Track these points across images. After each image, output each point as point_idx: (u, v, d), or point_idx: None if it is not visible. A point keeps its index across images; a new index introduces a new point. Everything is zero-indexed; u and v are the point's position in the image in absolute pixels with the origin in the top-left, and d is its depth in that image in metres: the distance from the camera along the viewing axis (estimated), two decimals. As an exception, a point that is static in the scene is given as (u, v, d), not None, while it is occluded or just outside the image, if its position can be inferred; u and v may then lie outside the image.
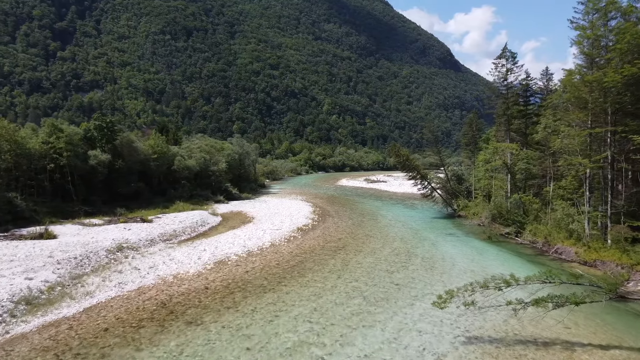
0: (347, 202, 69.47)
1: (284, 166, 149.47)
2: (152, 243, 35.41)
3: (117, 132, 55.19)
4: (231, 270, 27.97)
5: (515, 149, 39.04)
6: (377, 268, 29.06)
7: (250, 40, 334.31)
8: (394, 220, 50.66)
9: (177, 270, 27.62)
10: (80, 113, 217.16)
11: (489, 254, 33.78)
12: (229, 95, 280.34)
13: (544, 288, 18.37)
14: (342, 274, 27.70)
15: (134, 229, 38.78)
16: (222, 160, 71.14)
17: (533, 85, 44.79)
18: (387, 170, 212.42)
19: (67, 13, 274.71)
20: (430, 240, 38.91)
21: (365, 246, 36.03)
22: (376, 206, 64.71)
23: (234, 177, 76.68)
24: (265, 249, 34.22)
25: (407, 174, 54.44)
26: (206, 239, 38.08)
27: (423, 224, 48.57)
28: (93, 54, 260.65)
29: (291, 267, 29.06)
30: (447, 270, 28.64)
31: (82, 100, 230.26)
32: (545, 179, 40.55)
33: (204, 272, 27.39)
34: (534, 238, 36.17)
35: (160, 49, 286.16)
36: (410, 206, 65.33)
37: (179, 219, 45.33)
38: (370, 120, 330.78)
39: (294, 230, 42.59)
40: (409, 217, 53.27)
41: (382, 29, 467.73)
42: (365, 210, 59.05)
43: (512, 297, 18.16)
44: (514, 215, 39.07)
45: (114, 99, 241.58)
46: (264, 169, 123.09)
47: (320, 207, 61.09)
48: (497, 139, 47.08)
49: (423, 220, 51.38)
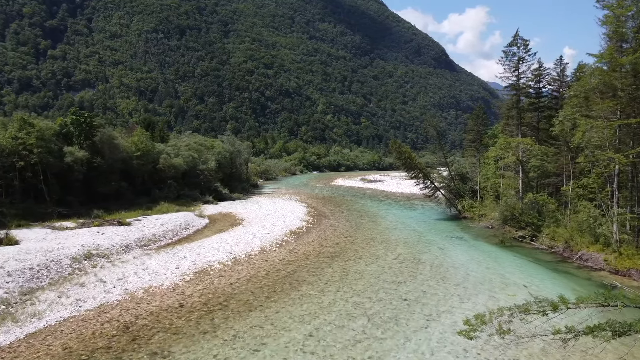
0: (344, 203, 65.70)
1: (278, 166, 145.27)
2: (127, 249, 31.38)
3: (97, 127, 50.94)
4: (213, 282, 24.04)
5: (529, 144, 35.26)
6: (382, 279, 25.22)
7: (244, 39, 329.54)
8: (395, 222, 46.88)
9: (149, 282, 23.63)
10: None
11: (504, 260, 30.03)
12: (223, 95, 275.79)
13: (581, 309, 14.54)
14: (341, 286, 23.86)
15: (109, 233, 34.68)
16: (211, 159, 67.09)
17: (546, 75, 41.11)
18: (383, 170, 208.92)
19: (58, 11, 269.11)
20: (436, 244, 35.12)
21: (366, 252, 32.19)
22: (374, 207, 60.95)
23: (224, 177, 72.58)
24: (254, 256, 30.29)
25: (409, 172, 50.56)
26: (189, 243, 34.04)
27: (426, 226, 44.81)
28: (84, 53, 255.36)
29: (282, 278, 25.17)
30: (461, 281, 24.84)
31: (73, 99, 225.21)
32: (561, 177, 36.89)
33: (180, 285, 23.44)
34: (553, 242, 32.46)
35: (153, 47, 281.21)
36: (410, 206, 61.66)
37: (161, 221, 41.22)
38: (366, 120, 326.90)
39: (286, 233, 38.67)
40: (410, 219, 49.54)
41: (377, 28, 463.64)
42: (363, 211, 55.29)
43: (555, 321, 14.37)
44: (528, 217, 35.33)
45: (105, 98, 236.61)
46: (257, 168, 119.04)
47: (315, 208, 57.24)
48: (506, 134, 43.35)
49: (426, 222, 47.65)
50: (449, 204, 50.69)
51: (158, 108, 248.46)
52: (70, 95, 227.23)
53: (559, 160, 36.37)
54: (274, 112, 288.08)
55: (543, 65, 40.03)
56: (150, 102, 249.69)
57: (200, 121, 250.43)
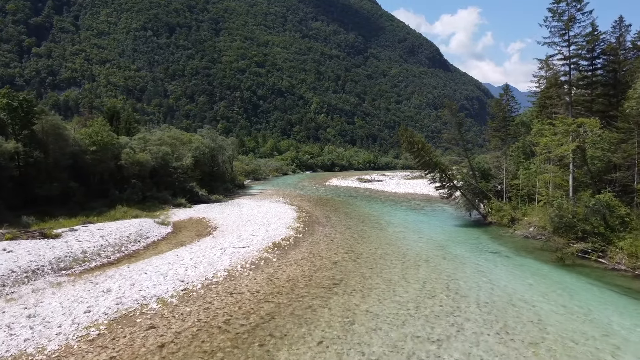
0: (340, 205, 56.01)
1: (269, 165, 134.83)
2: (34, 275, 21.44)
3: (37, 114, 40.71)
4: (133, 343, 14.25)
5: (596, 127, 25.67)
6: (408, 332, 15.42)
7: (236, 37, 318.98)
8: (405, 229, 37.16)
9: (22, 346, 13.84)
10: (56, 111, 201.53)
11: (579, 291, 20.33)
12: (214, 94, 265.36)
13: None
14: (346, 348, 14.19)
15: (18, 250, 24.61)
16: (187, 155, 57.23)
17: (601, 43, 31.67)
18: (379, 169, 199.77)
19: (44, 8, 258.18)
20: (470, 263, 25.42)
21: (377, 277, 22.41)
22: (377, 210, 51.32)
23: (204, 176, 62.58)
24: (215, 286, 20.49)
25: (422, 169, 40.56)
26: (130, 265, 24.12)
27: (446, 235, 35.13)
28: (70, 51, 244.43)
29: (251, 331, 15.41)
30: (536, 338, 15.07)
31: (58, 98, 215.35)
32: (632, 171, 27.40)
33: (75, 351, 13.67)
34: (636, 262, 22.89)
35: (142, 45, 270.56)
36: (418, 209, 52.05)
37: (104, 232, 31.14)
38: (360, 119, 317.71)
39: (268, 247, 28.83)
40: (423, 224, 39.84)
41: (371, 27, 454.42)
42: (364, 216, 45.60)
43: None
44: (593, 225, 25.76)
45: (92, 97, 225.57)
46: (245, 167, 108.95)
47: (307, 212, 47.45)
48: (546, 120, 33.88)
49: (443, 229, 37.98)
50: (470, 206, 40.90)
51: (147, 107, 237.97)
52: (55, 94, 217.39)
53: (628, 149, 26.89)
54: (266, 112, 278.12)
55: (598, 29, 30.48)
56: (139, 102, 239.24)
57: (190, 121, 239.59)
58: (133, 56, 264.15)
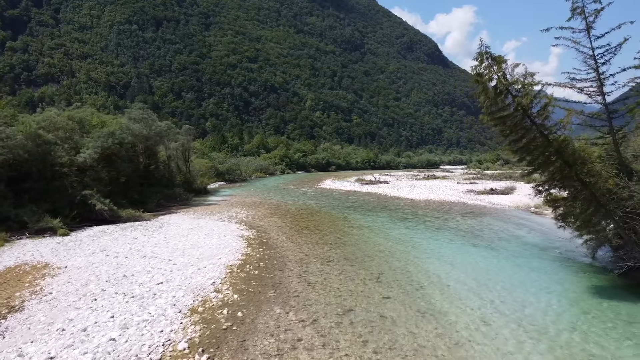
0: (333, 223, 33.26)
1: (251, 164, 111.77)
2: None
3: None
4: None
5: None
6: None
7: (227, 32, 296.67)
8: (490, 308, 14.45)
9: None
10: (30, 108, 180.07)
11: None
12: (202, 90, 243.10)
13: None
14: None
15: None
16: (88, 146, 34.60)
17: None
18: (380, 169, 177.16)
19: (21, 0, 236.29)
20: None
21: None
22: (397, 235, 28.54)
23: (130, 178, 39.92)
24: None
25: (524, 153, 16.63)
26: None
27: (609, 335, 12.49)
28: (49, 45, 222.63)
29: None
30: None
31: (33, 95, 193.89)
32: None
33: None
34: None
35: (126, 40, 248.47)
36: (463, 232, 29.00)
37: None
38: (357, 117, 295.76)
39: None
40: (519, 288, 17.27)
41: (367, 23, 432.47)
42: (374, 249, 22.87)
43: None
44: None
45: (70, 94, 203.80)
46: (219, 167, 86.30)
47: (265, 247, 24.73)
48: None
49: (567, 298, 15.19)
50: (619, 241, 17.64)
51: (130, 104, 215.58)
52: (31, 91, 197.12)
53: None
54: (258, 109, 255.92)
55: None
56: (121, 99, 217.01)
57: (176, 118, 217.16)
58: (117, 51, 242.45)
